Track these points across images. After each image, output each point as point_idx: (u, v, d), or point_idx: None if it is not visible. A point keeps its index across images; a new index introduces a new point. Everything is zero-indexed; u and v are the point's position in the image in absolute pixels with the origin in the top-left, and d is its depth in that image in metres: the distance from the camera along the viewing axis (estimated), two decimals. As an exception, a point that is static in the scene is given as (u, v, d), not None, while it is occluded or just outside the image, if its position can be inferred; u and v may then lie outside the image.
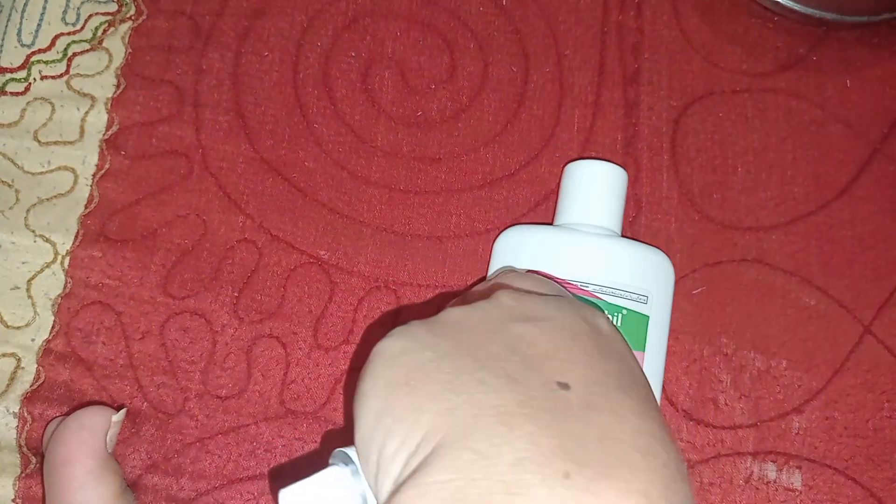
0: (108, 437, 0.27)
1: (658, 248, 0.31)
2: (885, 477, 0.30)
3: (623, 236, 0.31)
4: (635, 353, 0.28)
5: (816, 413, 0.31)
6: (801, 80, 0.35)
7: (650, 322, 0.29)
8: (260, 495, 0.29)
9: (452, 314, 0.21)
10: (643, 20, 0.36)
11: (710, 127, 0.34)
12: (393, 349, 0.20)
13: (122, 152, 0.33)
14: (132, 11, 0.35)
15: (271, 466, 0.30)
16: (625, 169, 0.32)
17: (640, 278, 0.29)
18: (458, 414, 0.18)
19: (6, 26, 0.34)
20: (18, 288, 0.31)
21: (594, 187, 0.30)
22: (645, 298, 0.29)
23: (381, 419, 0.19)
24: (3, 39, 0.34)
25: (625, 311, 0.28)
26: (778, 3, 0.35)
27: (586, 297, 0.28)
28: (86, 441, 0.27)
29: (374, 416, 0.19)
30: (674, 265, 0.31)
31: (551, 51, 0.35)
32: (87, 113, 0.33)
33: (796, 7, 0.35)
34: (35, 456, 0.29)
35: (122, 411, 0.28)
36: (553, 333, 0.20)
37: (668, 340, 0.30)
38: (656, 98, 0.35)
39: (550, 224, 0.32)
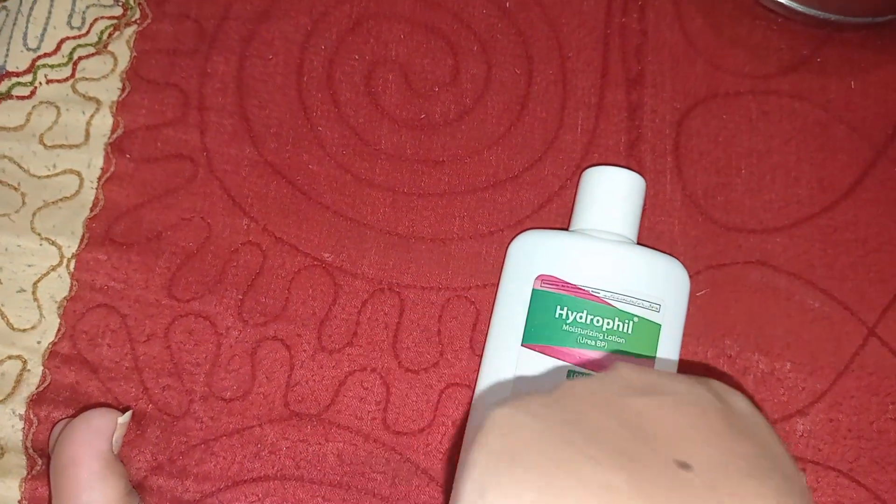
0: (113, 439, 0.27)
1: (670, 254, 0.31)
2: (890, 479, 0.30)
3: (639, 244, 0.31)
4: (645, 360, 0.28)
5: (821, 415, 0.31)
6: (804, 81, 0.35)
7: (662, 330, 0.29)
8: (265, 497, 0.29)
9: (567, 385, 0.20)
10: (646, 23, 0.36)
11: (714, 129, 0.34)
12: (502, 419, 0.19)
13: (127, 155, 0.33)
14: (137, 15, 0.35)
15: (275, 469, 0.30)
16: (642, 176, 0.31)
17: (653, 286, 0.29)
18: (563, 491, 0.17)
19: (12, 30, 0.35)
20: (24, 290, 0.31)
21: (611, 194, 0.30)
22: (657, 307, 0.29)
23: (483, 493, 0.18)
24: (9, 44, 0.34)
25: (636, 319, 0.28)
26: (781, 4, 0.35)
27: (597, 304, 0.28)
28: (91, 443, 0.27)
29: (477, 489, 0.18)
30: (677, 267, 0.31)
31: (555, 53, 0.35)
32: (92, 116, 0.34)
33: (800, 8, 0.35)
34: (41, 458, 0.29)
35: (128, 413, 0.28)
36: (675, 409, 0.19)
37: (672, 343, 0.30)
38: (659, 100, 0.35)
39: (565, 229, 0.32)
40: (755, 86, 0.35)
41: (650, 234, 0.33)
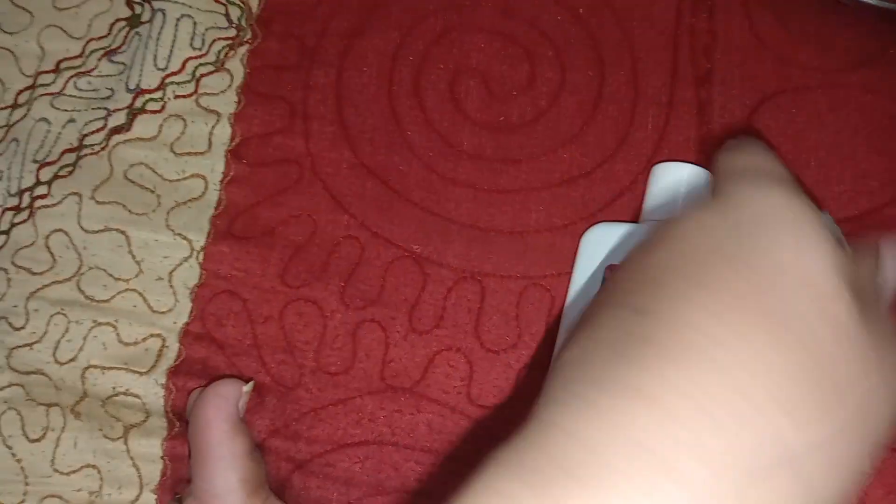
0: (239, 405, 0.32)
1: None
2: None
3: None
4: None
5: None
6: (874, 75, 0.36)
7: None
8: (365, 459, 0.33)
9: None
10: (715, 22, 0.37)
11: (783, 124, 0.36)
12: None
13: (244, 161, 0.37)
14: (249, 35, 0.40)
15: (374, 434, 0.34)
16: (707, 170, 0.33)
17: None
18: None
19: (144, 53, 0.40)
20: (162, 279, 0.37)
21: (678, 187, 0.32)
22: None
23: None
24: (142, 65, 0.40)
25: None
26: (853, -1, 0.36)
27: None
28: (221, 407, 0.31)
29: None
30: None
31: (626, 55, 0.37)
32: (213, 127, 0.38)
33: (871, 1, 0.35)
34: (178, 421, 0.34)
35: (251, 383, 0.33)
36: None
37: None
38: (728, 97, 0.36)
39: (635, 221, 0.34)
40: (824, 80, 0.36)
41: (718, 225, 0.35)
